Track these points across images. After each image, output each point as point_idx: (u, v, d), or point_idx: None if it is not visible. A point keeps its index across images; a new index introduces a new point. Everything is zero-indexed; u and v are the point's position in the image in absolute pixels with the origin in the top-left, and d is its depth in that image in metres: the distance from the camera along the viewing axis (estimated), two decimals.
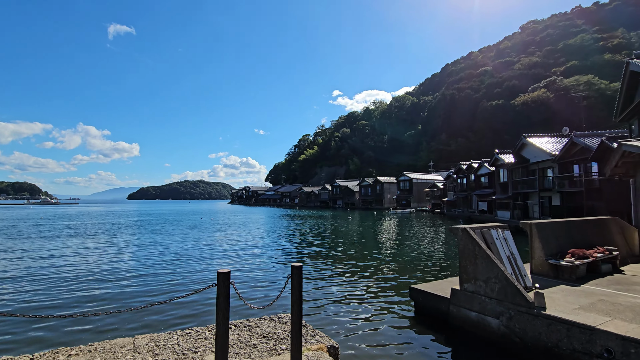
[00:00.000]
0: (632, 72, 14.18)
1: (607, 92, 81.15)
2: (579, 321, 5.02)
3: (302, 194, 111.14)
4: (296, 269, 2.91)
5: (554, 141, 29.36)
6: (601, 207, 21.59)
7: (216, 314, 2.60)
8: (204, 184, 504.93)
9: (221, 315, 2.59)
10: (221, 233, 27.21)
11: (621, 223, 10.76)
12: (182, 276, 12.10)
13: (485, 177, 40.71)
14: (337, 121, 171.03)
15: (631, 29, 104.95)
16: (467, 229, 6.68)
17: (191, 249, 18.05)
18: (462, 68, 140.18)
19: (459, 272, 6.86)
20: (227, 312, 2.59)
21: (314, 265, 14.07)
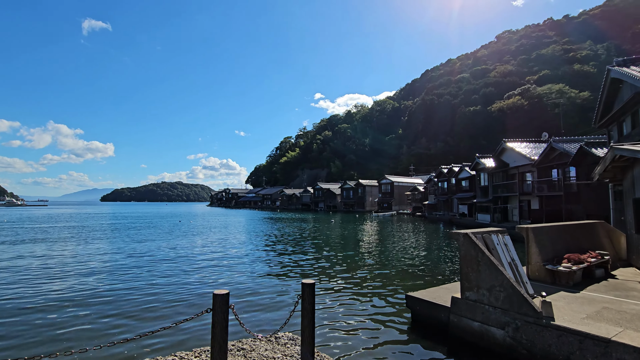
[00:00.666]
0: (613, 79, 14.53)
1: (577, 101, 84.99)
2: (592, 332, 4.76)
3: (283, 197, 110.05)
4: (308, 288, 2.43)
5: (532, 146, 30.12)
6: (579, 210, 22.19)
7: (211, 347, 2.05)
8: (182, 185, 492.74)
9: (217, 348, 2.04)
10: (202, 237, 26.15)
11: (608, 227, 10.85)
12: (164, 293, 10.23)
13: (466, 180, 41.39)
14: (319, 124, 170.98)
15: (597, 42, 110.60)
16: (469, 235, 6.37)
17: (171, 257, 16.82)
18: (441, 74, 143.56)
19: (460, 279, 6.53)
20: (225, 345, 2.05)
21: (302, 272, 13.54)
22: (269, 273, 13.15)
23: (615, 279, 8.22)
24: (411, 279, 11.97)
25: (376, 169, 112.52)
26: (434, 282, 11.52)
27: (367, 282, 11.62)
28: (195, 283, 11.51)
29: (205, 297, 9.72)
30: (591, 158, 19.87)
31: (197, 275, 12.65)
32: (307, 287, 2.47)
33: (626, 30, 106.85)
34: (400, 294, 9.96)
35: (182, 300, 9.57)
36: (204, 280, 11.94)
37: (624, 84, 14.36)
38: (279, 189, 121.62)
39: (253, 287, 11.04)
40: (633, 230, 9.33)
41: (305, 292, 2.46)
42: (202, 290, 10.50)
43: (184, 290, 10.57)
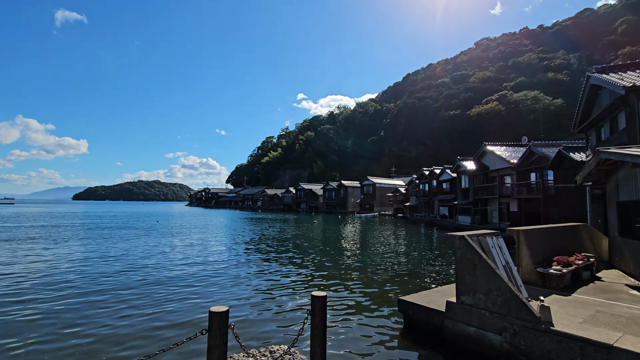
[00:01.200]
0: (592, 85, 14.93)
1: (550, 108, 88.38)
2: (593, 338, 4.65)
3: (265, 197, 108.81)
4: (318, 301, 2.10)
5: (512, 150, 30.87)
6: (556, 213, 22.82)
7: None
8: (159, 184, 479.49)
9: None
10: (182, 239, 25.22)
11: (590, 230, 11.05)
12: (143, 306, 8.83)
13: (447, 182, 42.06)
14: (302, 124, 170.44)
15: (570, 52, 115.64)
16: (465, 237, 6.20)
17: (150, 262, 15.88)
18: (423, 78, 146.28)
19: (455, 283, 6.35)
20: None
21: (287, 274, 13.15)
22: (259, 278, 12.65)
23: (601, 281, 8.31)
24: (400, 282, 11.81)
25: (358, 170, 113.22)
26: (422, 284, 11.41)
27: (355, 285, 11.36)
28: (179, 293, 10.21)
29: (192, 311, 8.49)
30: (569, 162, 20.45)
31: (180, 284, 11.28)
32: (317, 300, 2.14)
33: (596, 41, 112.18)
34: (389, 297, 9.75)
35: (167, 317, 8.09)
36: (187, 289, 10.65)
37: (603, 91, 14.79)
38: (261, 189, 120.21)
39: (244, 297, 9.94)
40: (616, 232, 9.50)
41: (316, 307, 2.13)
42: (187, 303, 9.27)
43: (167, 303, 9.22)
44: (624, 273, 9.03)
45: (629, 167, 8.52)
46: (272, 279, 12.20)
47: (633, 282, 8.10)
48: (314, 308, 2.11)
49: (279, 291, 10.51)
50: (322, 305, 2.11)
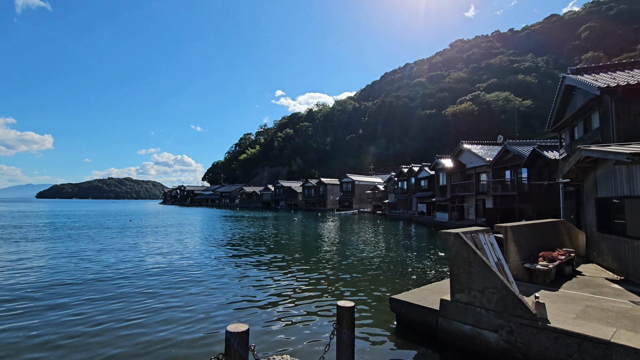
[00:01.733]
0: (567, 85, 15.47)
1: (520, 108, 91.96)
2: (591, 334, 4.67)
3: (243, 195, 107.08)
4: (346, 313, 1.84)
5: (488, 148, 31.77)
6: (530, 210, 23.68)
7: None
8: (131, 182, 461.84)
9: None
10: (159, 238, 24.20)
11: (568, 225, 11.41)
12: (126, 325, 7.31)
13: (425, 180, 42.82)
14: (280, 121, 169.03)
15: (538, 55, 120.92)
16: (460, 235, 6.13)
17: (128, 265, 15.02)
18: (400, 78, 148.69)
19: (450, 281, 6.28)
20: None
21: (271, 276, 12.81)
22: (251, 282, 12.21)
23: (583, 276, 8.55)
24: (386, 280, 11.74)
25: (337, 168, 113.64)
26: (409, 282, 11.39)
27: (342, 283, 11.18)
28: (167, 302, 8.93)
29: (189, 324, 7.36)
30: (542, 160, 21.21)
31: (163, 292, 9.82)
32: (345, 312, 1.88)
33: (562, 45, 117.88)
34: (378, 296, 9.64)
35: (159, 333, 6.86)
36: (177, 298, 9.33)
37: (577, 91, 15.36)
38: (238, 186, 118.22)
39: (243, 306, 8.69)
40: (594, 228, 9.83)
41: (344, 319, 1.87)
42: (182, 314, 7.99)
43: (154, 314, 7.97)
44: (602, 267, 9.35)
45: (609, 165, 8.80)
46: (265, 283, 11.82)
47: (612, 276, 8.38)
48: (341, 320, 1.85)
49: (279, 297, 10.16)
50: (350, 316, 1.86)
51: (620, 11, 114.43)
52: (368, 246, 20.10)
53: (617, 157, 6.86)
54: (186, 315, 7.96)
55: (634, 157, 6.36)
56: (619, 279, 8.07)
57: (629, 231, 7.80)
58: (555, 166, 19.55)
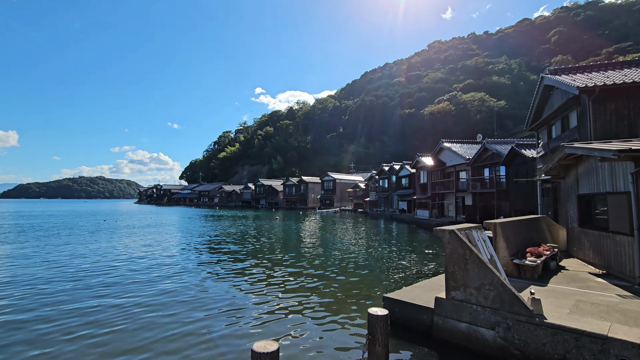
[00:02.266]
0: (546, 85, 15.92)
1: (495, 109, 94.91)
2: (588, 329, 4.69)
3: (222, 193, 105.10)
4: (380, 322, 1.59)
5: (467, 147, 32.49)
6: (507, 206, 24.37)
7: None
8: (104, 180, 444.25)
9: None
10: (136, 240, 23.20)
11: (549, 221, 11.71)
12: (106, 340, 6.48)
13: (406, 178, 43.37)
14: (260, 119, 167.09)
15: (511, 57, 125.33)
16: (455, 232, 6.07)
17: (100, 270, 14.25)
18: (380, 77, 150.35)
19: (445, 278, 6.20)
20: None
21: (256, 279, 12.45)
22: (237, 284, 11.80)
23: (567, 271, 8.75)
24: (375, 278, 11.65)
25: (318, 166, 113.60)
26: (397, 279, 11.34)
27: (330, 282, 11.00)
28: (156, 316, 7.86)
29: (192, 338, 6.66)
30: (520, 158, 21.85)
31: (147, 303, 8.80)
32: (377, 321, 1.66)
33: (533, 49, 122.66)
34: (368, 294, 9.52)
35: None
36: (168, 310, 8.23)
37: (555, 91, 15.83)
38: (217, 185, 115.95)
39: (241, 315, 7.89)
40: (575, 223, 10.10)
41: (377, 330, 1.65)
42: (178, 329, 7.02)
43: (144, 330, 6.99)
44: (584, 262, 9.62)
45: (590, 162, 9.04)
46: (256, 287, 11.45)
47: (595, 270, 8.62)
48: (374, 331, 1.64)
49: (272, 301, 9.82)
50: (384, 326, 1.66)
51: (587, 17, 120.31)
52: (353, 245, 20.04)
53: (603, 154, 7.00)
54: (182, 331, 7.52)
55: (620, 154, 6.50)
56: (601, 273, 8.30)
57: (611, 226, 8.02)
58: (532, 164, 20.17)
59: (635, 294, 6.46)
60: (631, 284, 7.15)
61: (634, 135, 11.38)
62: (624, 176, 7.41)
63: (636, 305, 5.79)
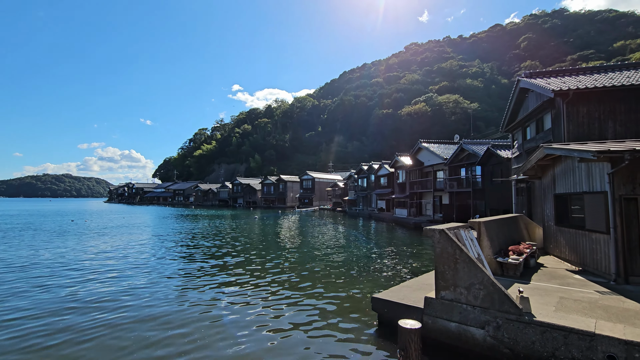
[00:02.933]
0: (522, 88, 16.46)
1: (468, 111, 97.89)
2: (576, 327, 4.78)
3: (198, 192, 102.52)
4: (411, 336, 1.32)
5: (444, 147, 33.23)
6: (483, 205, 25.11)
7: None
8: (70, 179, 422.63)
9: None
10: (109, 242, 22.07)
11: (525, 219, 12.08)
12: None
13: (385, 177, 43.88)
14: (238, 117, 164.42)
15: (484, 61, 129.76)
16: (445, 231, 6.05)
17: (71, 278, 13.43)
18: (358, 77, 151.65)
19: (434, 278, 6.18)
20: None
21: (239, 282, 12.10)
22: (221, 291, 11.36)
23: (545, 268, 9.01)
24: (359, 278, 11.59)
25: (296, 165, 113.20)
26: (381, 279, 11.34)
27: (315, 283, 10.83)
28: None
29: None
30: (496, 159, 22.53)
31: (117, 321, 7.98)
32: (409, 335, 1.36)
33: (504, 53, 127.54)
34: (354, 294, 9.43)
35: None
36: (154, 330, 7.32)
37: (530, 94, 16.40)
38: (193, 183, 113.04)
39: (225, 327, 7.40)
40: (552, 222, 10.45)
41: (411, 345, 1.31)
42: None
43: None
44: (560, 259, 9.96)
45: (567, 162, 9.35)
46: (242, 290, 11.07)
47: (571, 267, 8.93)
48: (408, 346, 1.41)
49: (255, 305, 9.49)
50: (416, 341, 1.51)
51: (554, 25, 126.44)
52: (335, 244, 19.97)
53: (583, 155, 7.23)
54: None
55: (599, 155, 6.72)
56: (577, 270, 8.61)
57: (587, 225, 8.32)
58: (507, 164, 20.84)
59: (612, 290, 6.70)
60: (607, 280, 7.43)
61: (604, 137, 11.94)
62: (600, 176, 7.69)
63: (615, 302, 5.99)
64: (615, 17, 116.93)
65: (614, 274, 7.22)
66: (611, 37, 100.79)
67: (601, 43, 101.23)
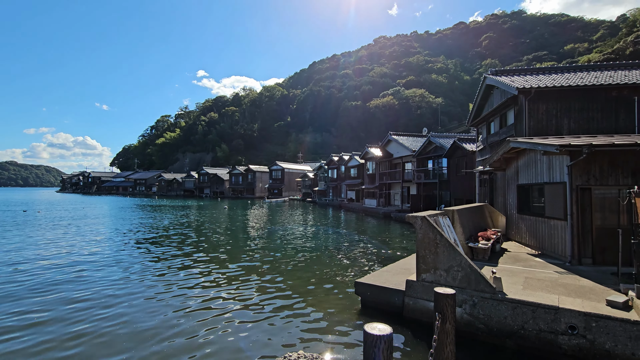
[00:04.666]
0: (487, 85, 17.40)
1: (433, 105, 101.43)
2: (543, 302, 5.32)
3: (161, 182, 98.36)
4: (447, 300, 1.62)
5: (412, 140, 34.37)
6: (448, 195, 26.43)
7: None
8: (16, 166, 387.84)
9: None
10: (69, 236, 20.74)
11: (490, 208, 12.95)
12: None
13: (355, 168, 44.67)
14: (204, 104, 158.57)
15: (448, 57, 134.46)
16: (427, 218, 6.42)
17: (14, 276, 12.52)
18: (327, 68, 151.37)
19: (416, 262, 6.56)
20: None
21: (216, 273, 11.96)
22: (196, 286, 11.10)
23: (509, 252, 9.79)
24: (336, 264, 11.89)
25: (264, 155, 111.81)
26: (359, 265, 11.71)
27: (295, 270, 10.99)
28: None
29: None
30: (461, 151, 23.73)
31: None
32: (446, 299, 1.59)
33: (467, 51, 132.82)
34: (336, 279, 9.70)
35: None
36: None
37: (495, 91, 17.39)
38: (156, 173, 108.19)
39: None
40: (514, 210, 11.32)
41: (447, 308, 1.63)
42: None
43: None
44: (520, 244, 10.85)
45: (530, 155, 10.14)
46: (208, 281, 10.92)
47: (531, 251, 9.78)
48: (444, 310, 1.69)
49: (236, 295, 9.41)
50: (453, 304, 1.71)
51: (513, 26, 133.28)
52: (309, 234, 20.20)
53: (546, 149, 7.89)
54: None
55: (561, 149, 7.38)
56: (537, 254, 9.44)
57: (547, 212, 9.13)
58: (472, 157, 22.03)
59: (568, 270, 7.47)
60: (563, 262, 8.25)
61: (560, 133, 13.01)
62: (560, 168, 8.45)
63: (572, 280, 6.70)
64: (567, 21, 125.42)
65: (569, 256, 8.02)
66: (562, 40, 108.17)
67: (554, 45, 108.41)
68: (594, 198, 7.87)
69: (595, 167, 7.88)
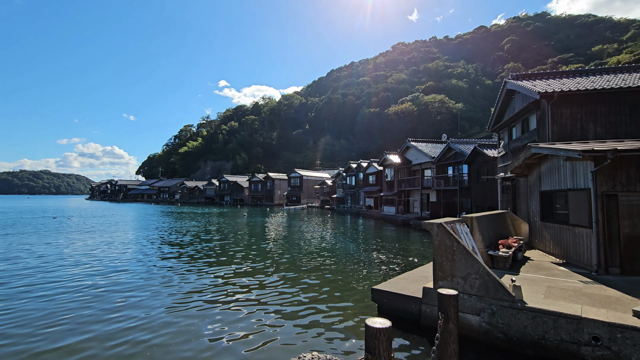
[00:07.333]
0: (508, 90, 17.08)
1: (453, 111, 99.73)
2: (564, 311, 5.18)
3: (184, 189, 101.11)
4: (450, 301, 1.70)
5: (432, 146, 33.96)
6: (469, 202, 25.87)
7: None
8: (49, 175, 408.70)
9: None
10: (102, 242, 21.72)
11: (512, 215, 12.64)
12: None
13: (373, 175, 44.45)
14: (225, 113, 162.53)
15: (469, 62, 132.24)
16: (443, 225, 6.39)
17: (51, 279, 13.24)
18: (345, 75, 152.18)
19: (433, 269, 6.52)
20: None
21: (238, 282, 12.23)
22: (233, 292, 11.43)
23: (532, 260, 9.52)
24: (354, 270, 11.90)
25: (283, 163, 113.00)
26: (376, 272, 11.67)
27: (313, 276, 11.08)
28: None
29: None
30: (482, 157, 23.25)
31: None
32: (449, 299, 1.54)
33: (489, 55, 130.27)
34: (353, 286, 9.72)
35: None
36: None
37: (516, 96, 17.04)
38: (179, 181, 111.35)
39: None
40: (537, 218, 11.00)
41: (450, 308, 1.64)
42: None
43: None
44: (544, 252, 10.52)
45: (553, 161, 9.88)
46: (239, 290, 11.19)
47: (556, 260, 9.46)
48: (447, 310, 1.76)
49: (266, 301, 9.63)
50: (455, 305, 1.78)
51: (536, 28, 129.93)
52: (328, 241, 20.25)
53: (569, 154, 7.70)
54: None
55: (584, 154, 7.19)
56: (561, 262, 9.14)
57: (571, 220, 8.85)
58: (493, 163, 21.55)
59: (594, 280, 7.20)
60: (589, 271, 7.95)
61: (585, 138, 12.59)
62: (584, 174, 8.20)
63: (598, 290, 6.47)
64: (594, 22, 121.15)
65: (596, 265, 7.73)
66: (590, 41, 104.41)
67: (580, 47, 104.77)
68: (620, 205, 7.58)
69: (621, 173, 7.61)
